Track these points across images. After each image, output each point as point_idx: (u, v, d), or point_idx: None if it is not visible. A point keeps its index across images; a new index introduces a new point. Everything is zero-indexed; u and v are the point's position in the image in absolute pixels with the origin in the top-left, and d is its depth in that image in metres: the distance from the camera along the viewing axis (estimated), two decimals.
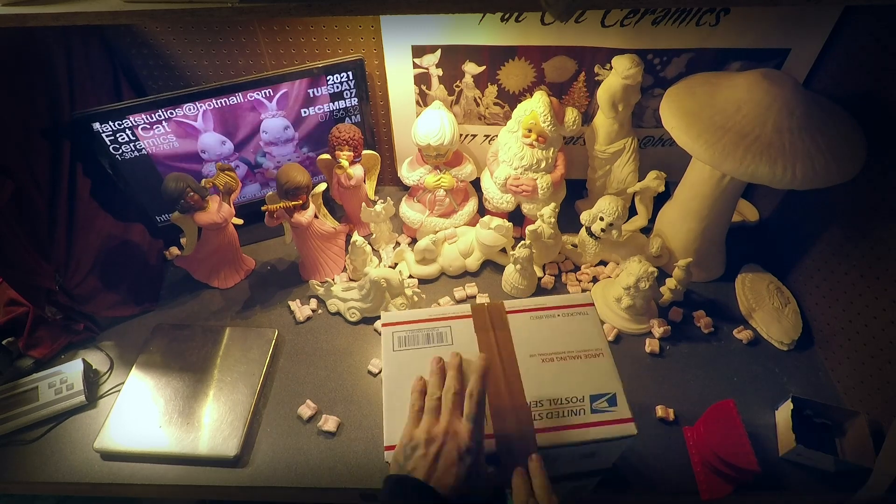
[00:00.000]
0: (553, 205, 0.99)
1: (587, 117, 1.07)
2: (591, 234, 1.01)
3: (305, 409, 0.86)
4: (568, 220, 1.09)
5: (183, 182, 0.91)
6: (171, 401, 0.87)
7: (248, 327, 0.98)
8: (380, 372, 0.91)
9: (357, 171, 1.04)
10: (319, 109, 1.04)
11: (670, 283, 0.97)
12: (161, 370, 0.91)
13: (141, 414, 0.86)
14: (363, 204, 1.05)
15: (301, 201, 0.95)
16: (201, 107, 0.95)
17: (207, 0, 0.59)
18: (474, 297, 1.03)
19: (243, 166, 1.07)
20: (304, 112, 1.03)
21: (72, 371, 0.89)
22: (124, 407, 0.86)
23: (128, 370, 0.92)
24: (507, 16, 0.92)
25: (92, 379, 0.91)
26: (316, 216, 1.00)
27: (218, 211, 0.96)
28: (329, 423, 0.85)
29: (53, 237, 0.87)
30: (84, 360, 0.91)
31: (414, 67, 1.01)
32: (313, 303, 1.03)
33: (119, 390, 0.89)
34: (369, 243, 1.05)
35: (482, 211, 1.13)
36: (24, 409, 0.85)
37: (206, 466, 0.82)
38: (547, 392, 0.63)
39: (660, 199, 1.03)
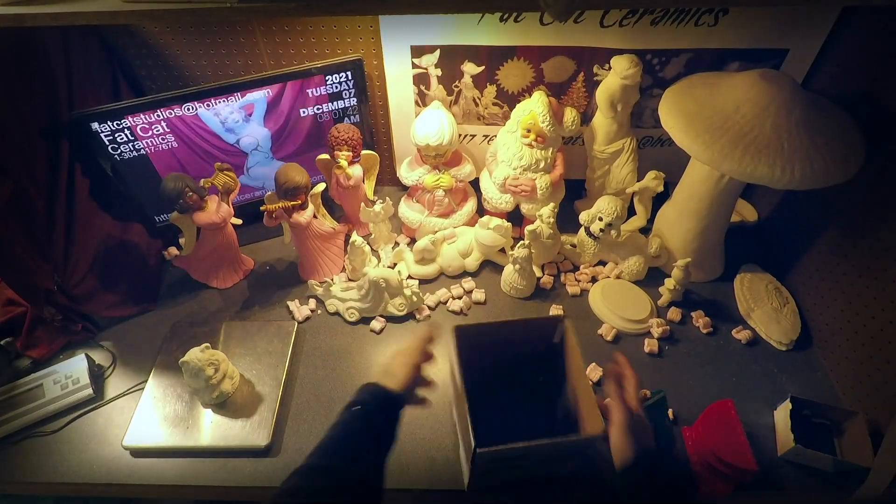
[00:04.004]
0: (552, 205, 0.99)
1: (586, 117, 1.07)
2: (590, 234, 1.01)
3: None
4: (567, 220, 1.09)
5: (182, 182, 0.91)
6: (197, 395, 0.88)
7: (269, 321, 1.00)
8: None
9: (356, 171, 1.04)
10: (318, 109, 1.04)
11: (669, 283, 0.97)
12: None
13: (168, 410, 0.86)
14: (362, 204, 1.05)
15: (300, 201, 0.95)
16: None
17: (206, 0, 0.59)
18: (471, 292, 1.03)
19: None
20: (303, 112, 1.03)
21: (75, 367, 0.90)
22: (150, 404, 0.87)
23: (133, 368, 0.93)
24: (505, 16, 0.92)
25: (97, 373, 0.91)
26: (315, 216, 1.00)
27: (217, 211, 0.96)
28: None
29: (52, 237, 0.87)
30: (87, 355, 0.91)
31: (413, 67, 1.01)
32: (312, 303, 1.03)
33: (141, 388, 0.89)
34: (368, 243, 1.05)
35: (481, 211, 1.13)
36: (32, 406, 0.86)
37: (238, 458, 0.82)
38: None
39: (658, 200, 1.03)
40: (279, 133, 1.05)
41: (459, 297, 1.03)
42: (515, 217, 1.10)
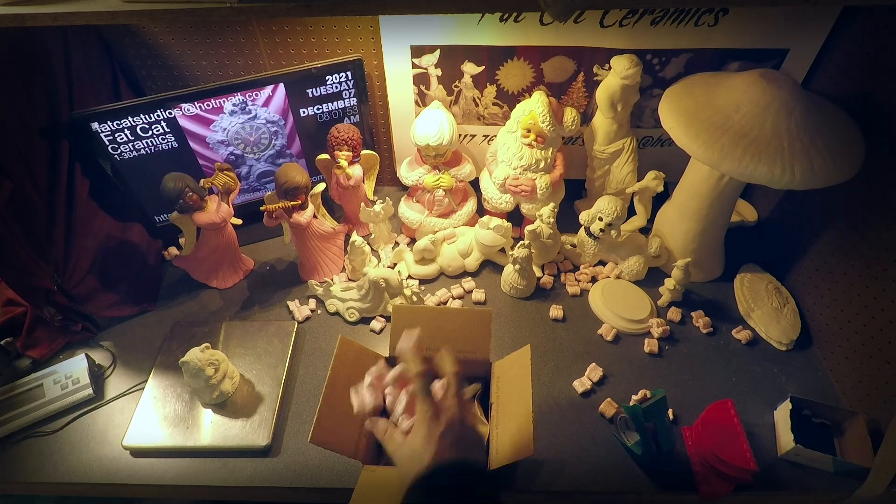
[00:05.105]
0: (552, 205, 0.99)
1: (586, 117, 1.07)
2: (590, 234, 1.01)
3: None
4: (567, 220, 1.09)
5: (182, 182, 0.91)
6: (197, 395, 0.88)
7: (269, 321, 1.00)
8: None
9: (356, 171, 1.04)
10: (318, 109, 1.04)
11: (669, 283, 0.97)
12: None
13: (168, 410, 0.86)
14: (362, 204, 1.05)
15: (300, 201, 0.95)
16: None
17: (206, 0, 0.59)
18: (471, 292, 1.04)
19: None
20: (303, 112, 1.03)
21: (76, 367, 0.90)
22: (150, 404, 0.87)
23: (132, 368, 0.93)
24: (505, 16, 0.92)
25: (97, 373, 0.91)
26: (315, 216, 1.00)
27: (217, 211, 0.96)
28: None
29: (52, 237, 0.87)
30: (87, 355, 0.91)
31: (413, 67, 1.01)
32: (312, 303, 1.03)
33: (141, 388, 0.89)
34: (368, 243, 1.05)
35: (481, 211, 1.13)
36: (32, 406, 0.86)
37: (238, 458, 0.82)
38: None
39: (659, 200, 1.03)
40: (279, 133, 1.05)
41: (460, 297, 1.03)
42: (515, 217, 1.10)
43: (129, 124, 0.93)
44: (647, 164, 1.03)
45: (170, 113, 0.94)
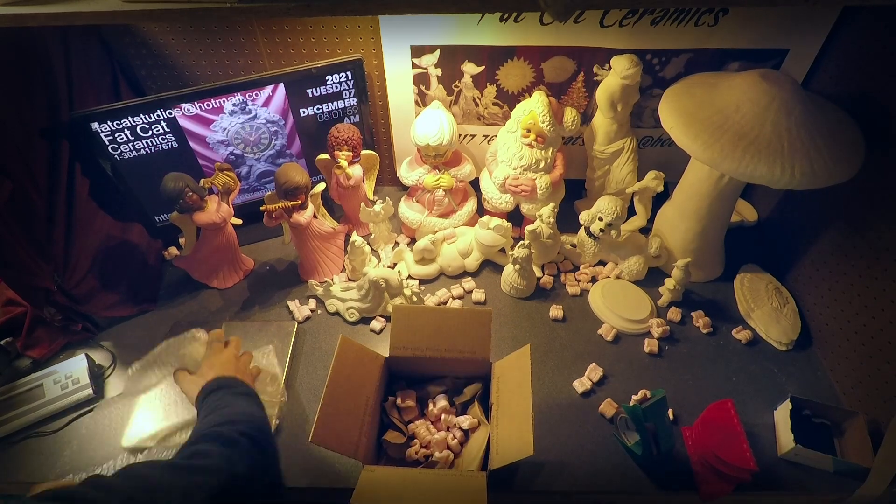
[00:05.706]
0: (552, 205, 0.99)
1: (586, 117, 1.07)
2: (590, 234, 1.01)
3: None
4: (567, 220, 1.09)
5: (182, 182, 0.91)
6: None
7: (269, 321, 1.00)
8: None
9: (356, 170, 1.04)
10: (318, 109, 1.04)
11: (669, 283, 0.97)
12: None
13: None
14: (362, 204, 1.05)
15: (300, 201, 0.95)
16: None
17: (206, 0, 0.59)
18: (471, 292, 1.04)
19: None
20: (303, 112, 1.03)
21: (76, 367, 0.90)
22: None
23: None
24: (505, 16, 0.92)
25: (97, 373, 0.91)
26: (315, 216, 1.00)
27: (217, 211, 0.96)
28: None
29: (52, 237, 0.87)
30: (87, 355, 0.91)
31: (413, 67, 1.01)
32: (312, 303, 1.03)
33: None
34: (368, 243, 1.05)
35: (481, 211, 1.13)
36: (32, 406, 0.86)
37: None
38: None
39: (659, 200, 1.03)
40: (279, 133, 1.05)
41: (460, 297, 1.03)
42: (515, 217, 1.10)
43: (129, 124, 0.93)
44: (647, 164, 1.03)
45: (170, 113, 0.94)
